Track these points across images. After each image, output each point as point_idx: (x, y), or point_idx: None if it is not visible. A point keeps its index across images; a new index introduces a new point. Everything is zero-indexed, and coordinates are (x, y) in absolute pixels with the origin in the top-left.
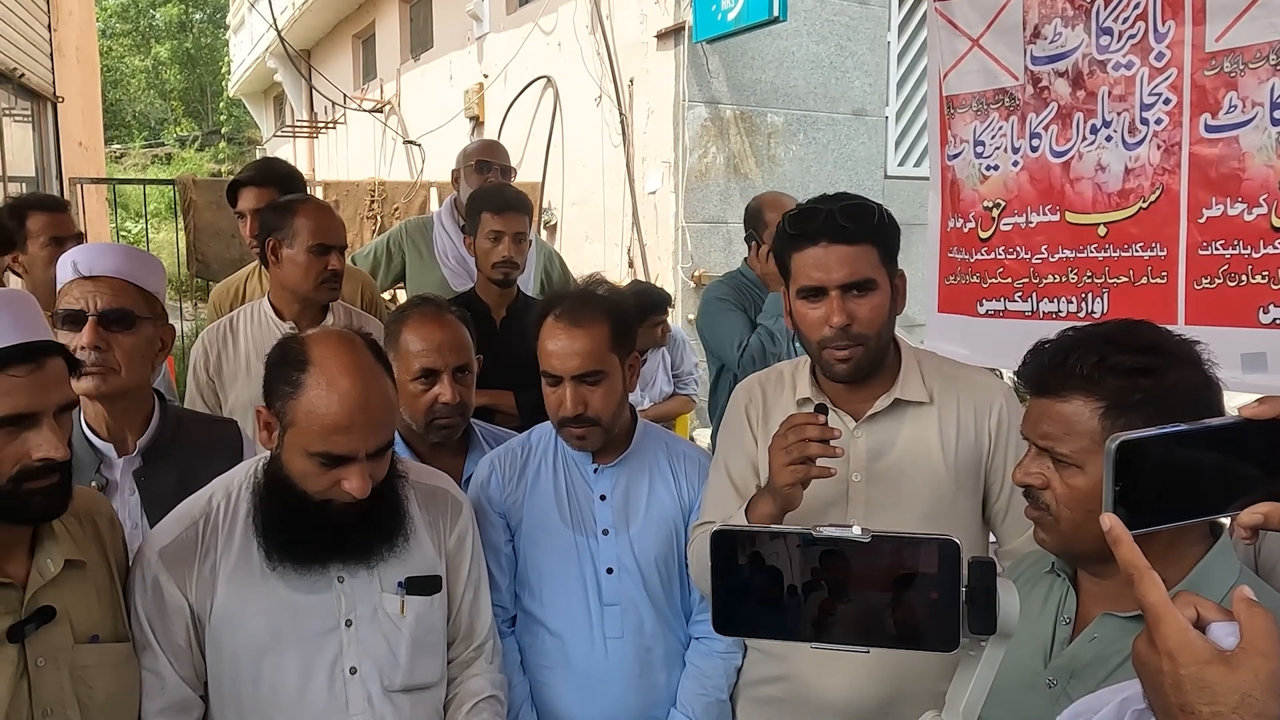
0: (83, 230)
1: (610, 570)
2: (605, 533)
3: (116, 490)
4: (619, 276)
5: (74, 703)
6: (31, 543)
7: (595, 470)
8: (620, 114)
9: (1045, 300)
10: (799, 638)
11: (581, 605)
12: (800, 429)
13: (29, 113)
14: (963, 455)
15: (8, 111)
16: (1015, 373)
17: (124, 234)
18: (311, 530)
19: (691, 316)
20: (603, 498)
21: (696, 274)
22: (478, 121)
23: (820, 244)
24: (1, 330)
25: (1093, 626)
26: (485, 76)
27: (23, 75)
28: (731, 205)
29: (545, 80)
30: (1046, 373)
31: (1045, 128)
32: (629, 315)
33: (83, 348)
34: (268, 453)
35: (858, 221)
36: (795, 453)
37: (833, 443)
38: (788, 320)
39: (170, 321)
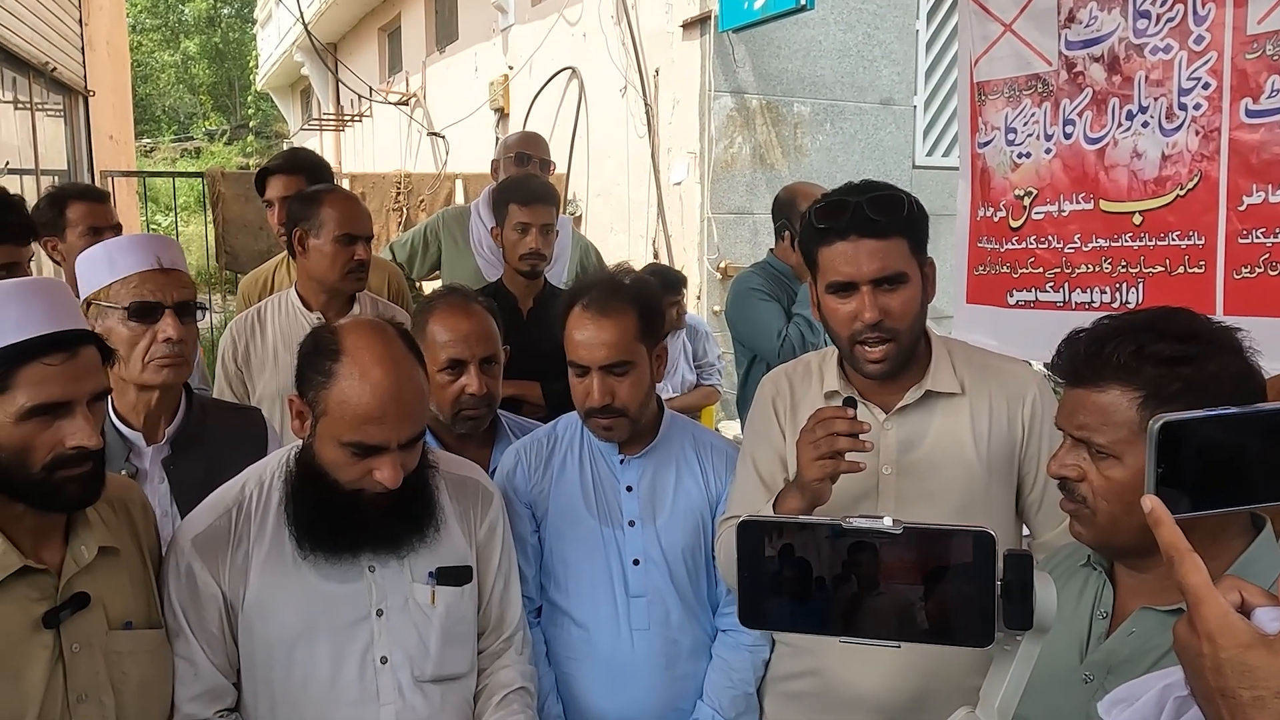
0: (119, 222)
1: (637, 562)
2: (631, 524)
3: (146, 479)
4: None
5: (108, 688)
6: (66, 530)
7: (622, 461)
8: (645, 104)
9: (1078, 291)
10: (828, 632)
11: (608, 597)
12: (829, 423)
13: (61, 106)
14: (995, 446)
15: (40, 106)
16: (1048, 364)
17: (154, 226)
18: (342, 519)
19: (718, 308)
20: (629, 489)
21: (722, 265)
22: (502, 113)
23: (849, 238)
24: (36, 319)
25: (1131, 620)
26: (510, 68)
27: (54, 69)
28: (757, 196)
29: (570, 71)
30: (1082, 363)
31: (1079, 114)
32: (657, 305)
33: (167, 339)
34: (299, 442)
35: (888, 213)
36: (824, 447)
37: (862, 436)
38: (815, 313)
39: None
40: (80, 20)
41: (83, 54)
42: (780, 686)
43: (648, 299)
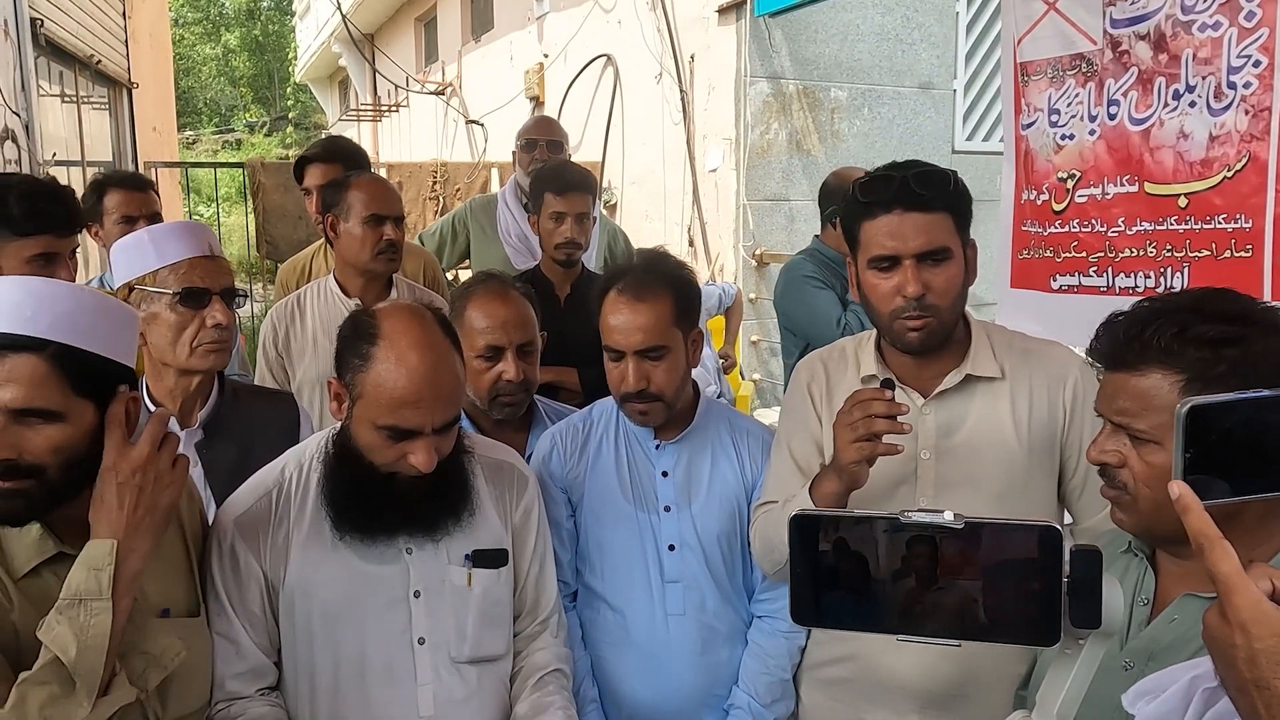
0: (158, 211)
1: (672, 547)
2: (667, 509)
3: None
4: (680, 255)
5: (150, 676)
6: None
7: (657, 446)
8: (681, 91)
9: (1122, 275)
10: (884, 629)
11: (643, 582)
12: (866, 405)
13: (105, 99)
14: (1036, 431)
15: (85, 98)
16: (1088, 349)
17: (196, 216)
18: (379, 501)
19: (753, 295)
20: (665, 474)
21: (758, 253)
22: (538, 101)
23: (894, 211)
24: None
25: (1173, 607)
26: (545, 56)
27: (99, 62)
28: (794, 183)
29: (605, 59)
30: (1122, 346)
31: (1124, 94)
32: (693, 289)
33: (216, 325)
34: (337, 424)
35: (933, 188)
36: (861, 429)
37: (900, 419)
38: (854, 292)
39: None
40: (124, 14)
41: (126, 47)
42: (817, 673)
43: (684, 283)
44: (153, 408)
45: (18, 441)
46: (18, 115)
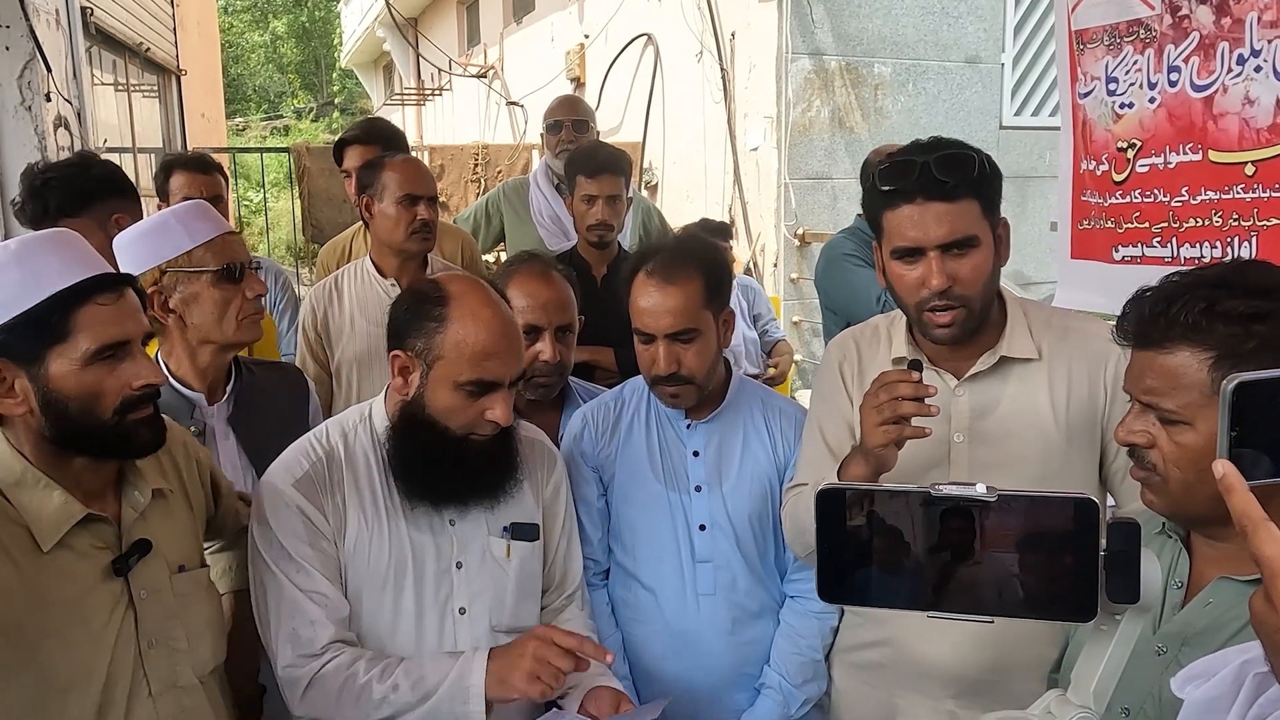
0: (221, 193)
1: (703, 527)
2: (698, 489)
3: (214, 436)
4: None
5: (179, 633)
6: (116, 478)
7: (688, 426)
8: (721, 69)
9: (1186, 245)
10: (915, 606)
11: (674, 561)
12: (892, 387)
13: (155, 86)
14: (1075, 413)
15: (136, 86)
16: (1115, 326)
17: (245, 202)
18: (451, 468)
19: (795, 275)
20: (695, 454)
21: (800, 232)
22: (579, 83)
23: (916, 201)
24: (75, 264)
25: (1208, 590)
26: (586, 37)
27: (149, 50)
28: (836, 161)
29: (646, 38)
30: (1148, 323)
31: (1185, 60)
32: (724, 269)
33: (256, 295)
34: (370, 401)
35: (957, 174)
36: (887, 412)
37: (930, 401)
38: (880, 279)
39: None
40: (172, 2)
41: (175, 35)
42: (850, 657)
43: (714, 263)
44: (179, 387)
45: None
46: (70, 103)
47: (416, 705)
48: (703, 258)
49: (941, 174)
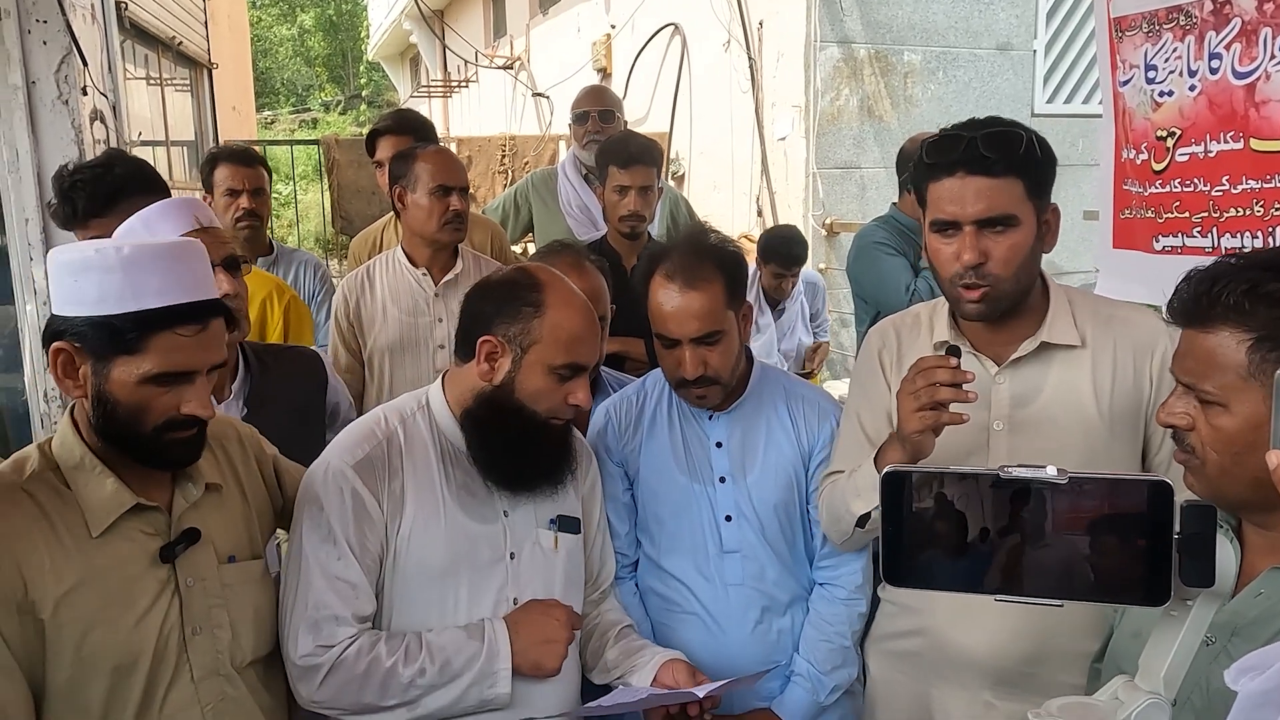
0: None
1: (729, 518)
2: (722, 480)
3: None
4: (748, 226)
5: (224, 621)
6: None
7: (711, 417)
8: (749, 58)
9: (1227, 235)
10: (983, 589)
11: (701, 553)
12: (929, 373)
13: (187, 80)
14: (1119, 402)
15: (168, 80)
16: (1166, 306)
17: (275, 195)
18: (536, 452)
19: (823, 265)
20: (719, 445)
21: (828, 222)
22: (605, 73)
23: (957, 174)
24: (176, 286)
25: (1260, 581)
26: (612, 27)
27: (181, 43)
28: (865, 150)
29: (673, 28)
30: (1192, 303)
31: (1226, 47)
32: (741, 267)
33: (225, 295)
34: (426, 389)
35: (1001, 151)
36: (924, 398)
37: (968, 388)
38: (925, 255)
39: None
40: None
41: (206, 28)
42: (885, 645)
43: (732, 262)
44: None
45: None
46: (105, 96)
47: (443, 685)
48: (720, 257)
49: (986, 150)
